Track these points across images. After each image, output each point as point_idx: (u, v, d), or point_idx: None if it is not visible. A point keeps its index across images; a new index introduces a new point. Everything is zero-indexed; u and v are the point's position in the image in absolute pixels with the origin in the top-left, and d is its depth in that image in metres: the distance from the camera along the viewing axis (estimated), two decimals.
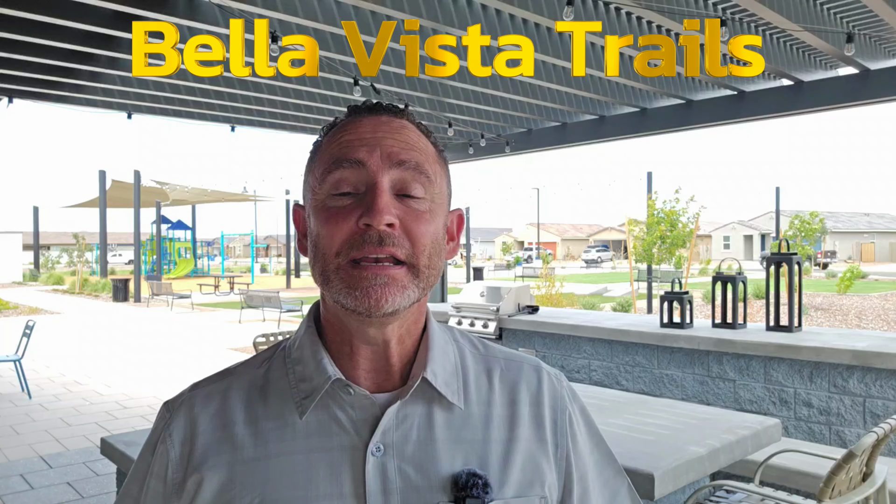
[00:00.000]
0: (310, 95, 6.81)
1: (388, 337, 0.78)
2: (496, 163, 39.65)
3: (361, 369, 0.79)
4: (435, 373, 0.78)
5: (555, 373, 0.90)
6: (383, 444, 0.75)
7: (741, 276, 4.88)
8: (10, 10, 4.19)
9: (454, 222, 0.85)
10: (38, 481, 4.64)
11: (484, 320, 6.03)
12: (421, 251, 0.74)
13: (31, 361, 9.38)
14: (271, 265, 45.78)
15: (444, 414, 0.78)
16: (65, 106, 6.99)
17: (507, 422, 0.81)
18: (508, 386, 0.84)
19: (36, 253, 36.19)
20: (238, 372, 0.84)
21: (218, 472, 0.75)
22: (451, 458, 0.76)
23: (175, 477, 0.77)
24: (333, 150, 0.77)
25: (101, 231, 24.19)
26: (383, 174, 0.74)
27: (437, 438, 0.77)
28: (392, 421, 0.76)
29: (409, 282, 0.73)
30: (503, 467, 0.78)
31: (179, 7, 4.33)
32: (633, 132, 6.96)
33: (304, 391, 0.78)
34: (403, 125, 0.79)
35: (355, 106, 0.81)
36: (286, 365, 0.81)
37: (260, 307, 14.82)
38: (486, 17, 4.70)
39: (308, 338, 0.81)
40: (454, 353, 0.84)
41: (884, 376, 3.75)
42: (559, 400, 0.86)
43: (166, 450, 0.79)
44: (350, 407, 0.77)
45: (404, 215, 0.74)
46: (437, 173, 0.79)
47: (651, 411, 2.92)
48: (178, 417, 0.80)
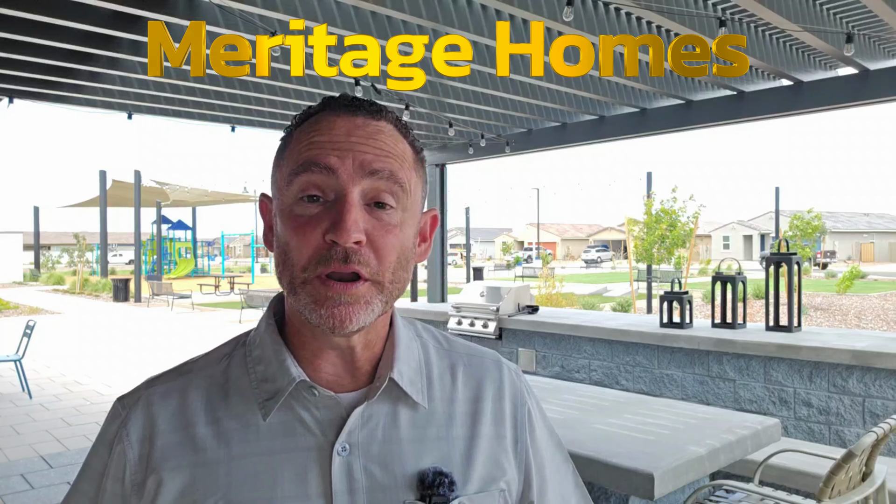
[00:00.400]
0: (310, 95, 6.81)
1: (354, 344, 0.77)
2: (496, 163, 39.39)
3: (325, 371, 0.78)
4: (401, 372, 0.78)
5: (514, 367, 0.92)
6: (349, 443, 0.75)
7: (741, 276, 4.88)
8: (10, 10, 4.19)
9: (427, 223, 0.83)
10: (39, 481, 4.64)
11: (484, 320, 6.03)
12: (387, 267, 0.73)
13: (32, 361, 9.39)
14: (271, 265, 45.79)
15: (409, 412, 0.79)
16: (65, 106, 6.99)
17: (470, 418, 0.82)
18: (472, 383, 0.85)
19: (36, 253, 36.19)
20: (196, 368, 0.81)
21: (179, 474, 0.74)
22: (417, 457, 0.77)
23: (134, 478, 0.75)
24: (303, 150, 0.74)
25: (102, 231, 24.20)
26: (354, 184, 0.71)
27: (402, 437, 0.77)
28: (358, 420, 0.76)
29: (372, 297, 0.72)
30: (466, 464, 0.79)
31: (179, 7, 4.34)
32: (633, 132, 6.96)
33: (268, 392, 0.76)
34: (380, 129, 0.76)
35: (331, 98, 0.78)
36: (247, 363, 0.79)
37: (260, 307, 14.83)
38: (485, 17, 4.70)
39: (269, 336, 0.80)
40: (418, 349, 0.84)
41: (883, 376, 3.76)
42: (519, 395, 0.88)
43: (123, 450, 0.76)
44: (315, 407, 0.76)
45: (373, 229, 0.72)
46: (412, 180, 0.77)
47: (651, 411, 2.92)
48: (136, 415, 0.77)
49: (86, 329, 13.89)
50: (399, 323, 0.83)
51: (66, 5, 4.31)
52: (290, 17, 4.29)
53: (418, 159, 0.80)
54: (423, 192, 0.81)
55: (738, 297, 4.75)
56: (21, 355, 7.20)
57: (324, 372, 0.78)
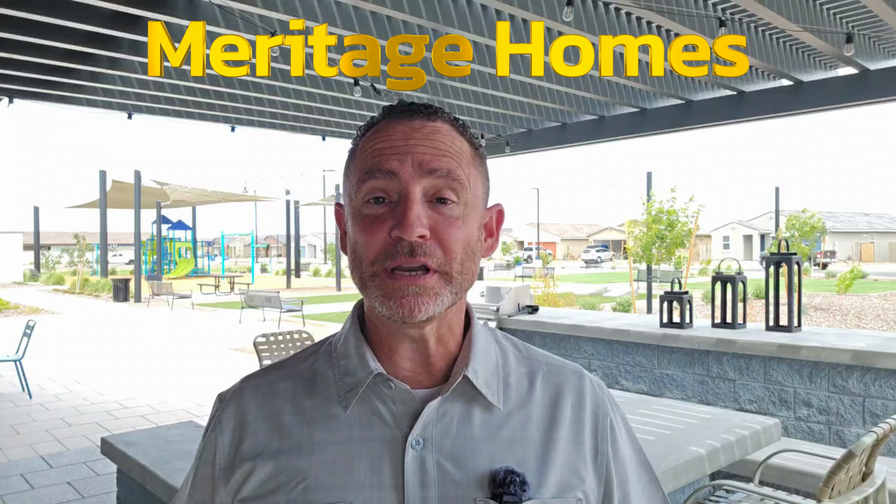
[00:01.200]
0: (310, 95, 6.81)
1: (427, 336, 0.80)
2: (496, 163, 39.63)
3: (402, 366, 0.81)
4: (476, 371, 0.80)
5: (597, 380, 0.91)
6: (423, 437, 0.77)
7: (741, 276, 4.88)
8: (10, 10, 4.19)
9: (493, 218, 0.86)
10: (39, 481, 4.64)
11: (484, 320, 6.02)
12: (453, 258, 0.75)
13: (32, 361, 9.38)
14: (271, 265, 45.81)
15: (483, 413, 0.80)
16: (65, 106, 6.99)
17: (547, 423, 0.82)
18: (551, 389, 0.85)
19: (36, 253, 36.18)
20: (286, 366, 0.87)
21: (266, 460, 0.78)
22: (490, 456, 0.78)
23: (223, 462, 0.82)
24: (367, 158, 0.78)
25: (102, 231, 24.20)
26: (415, 184, 0.75)
27: (475, 435, 0.78)
28: (432, 415, 0.78)
29: (441, 288, 0.75)
30: (541, 467, 0.79)
31: (179, 7, 4.34)
32: (632, 132, 6.96)
33: (348, 385, 0.80)
34: (437, 129, 0.79)
35: (390, 107, 0.82)
36: (332, 359, 0.84)
37: (260, 307, 14.83)
38: (485, 17, 4.70)
39: (352, 333, 0.84)
40: (496, 353, 0.86)
41: (883, 376, 3.76)
42: (601, 406, 0.87)
43: (216, 437, 0.83)
44: (391, 401, 0.79)
45: (436, 223, 0.75)
46: (472, 175, 0.79)
47: (651, 411, 2.92)
48: (229, 407, 0.84)
49: (86, 329, 13.89)
50: (478, 326, 0.86)
51: (66, 5, 4.31)
52: (290, 17, 4.29)
53: (477, 155, 0.83)
54: (485, 187, 0.83)
55: (738, 297, 4.75)
56: (21, 355, 7.20)
57: (401, 367, 0.81)
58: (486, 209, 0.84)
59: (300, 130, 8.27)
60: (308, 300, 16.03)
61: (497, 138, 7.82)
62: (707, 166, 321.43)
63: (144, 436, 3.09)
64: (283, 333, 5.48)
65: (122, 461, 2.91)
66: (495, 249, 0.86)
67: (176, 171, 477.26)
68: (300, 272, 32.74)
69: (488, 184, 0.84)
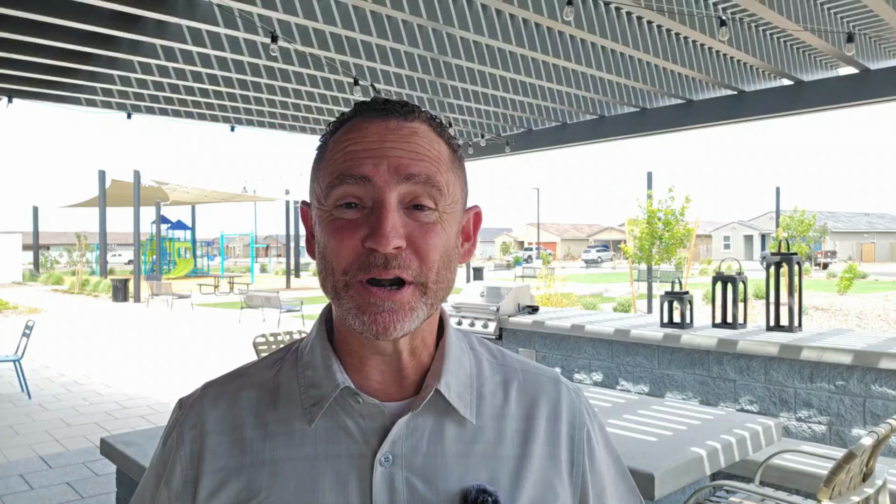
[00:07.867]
0: (310, 95, 6.81)
1: (401, 349, 0.76)
2: (496, 163, 39.26)
3: (372, 378, 0.77)
4: (449, 384, 0.76)
5: (574, 387, 0.87)
6: (392, 454, 0.73)
7: (741, 277, 4.88)
8: (10, 10, 4.19)
9: (470, 221, 0.82)
10: (38, 481, 4.64)
11: (484, 320, 6.03)
12: (429, 268, 0.72)
13: (31, 361, 9.38)
14: (271, 265, 45.78)
15: (456, 427, 0.77)
16: (65, 106, 6.98)
17: (521, 437, 0.79)
18: (526, 400, 0.82)
19: (36, 253, 36.18)
20: (249, 373, 0.83)
21: (227, 479, 0.75)
22: (461, 473, 0.74)
23: (186, 475, 0.77)
24: (338, 160, 0.73)
25: (101, 231, 24.20)
26: (391, 190, 0.70)
27: (447, 452, 0.75)
28: (402, 431, 0.74)
29: (416, 302, 0.71)
30: (514, 485, 0.76)
31: (179, 7, 4.33)
32: (633, 132, 6.96)
33: (314, 398, 0.76)
34: (414, 130, 0.74)
35: (363, 104, 0.76)
36: (297, 368, 0.80)
37: (260, 307, 14.82)
38: (485, 17, 4.69)
39: (319, 342, 0.80)
40: (470, 362, 0.82)
41: (884, 376, 3.75)
42: (578, 416, 0.84)
43: (177, 448, 0.79)
44: (359, 415, 0.75)
45: (412, 231, 0.71)
46: (451, 182, 0.75)
47: (651, 412, 2.91)
48: (190, 416, 0.80)
49: (85, 329, 13.89)
50: (451, 334, 0.82)
51: (65, 5, 4.30)
52: (289, 17, 4.29)
53: (456, 158, 0.78)
54: (464, 191, 0.79)
55: (738, 298, 4.74)
56: (20, 355, 7.20)
57: (371, 380, 0.77)
58: (464, 212, 0.79)
59: (300, 130, 8.27)
60: (308, 300, 16.02)
61: (497, 138, 7.82)
62: (708, 166, 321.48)
63: (144, 436, 3.08)
64: (282, 333, 5.47)
65: (121, 461, 2.91)
66: (472, 254, 0.83)
67: (175, 170, 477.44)
68: (300, 272, 32.72)
69: (466, 187, 0.79)
